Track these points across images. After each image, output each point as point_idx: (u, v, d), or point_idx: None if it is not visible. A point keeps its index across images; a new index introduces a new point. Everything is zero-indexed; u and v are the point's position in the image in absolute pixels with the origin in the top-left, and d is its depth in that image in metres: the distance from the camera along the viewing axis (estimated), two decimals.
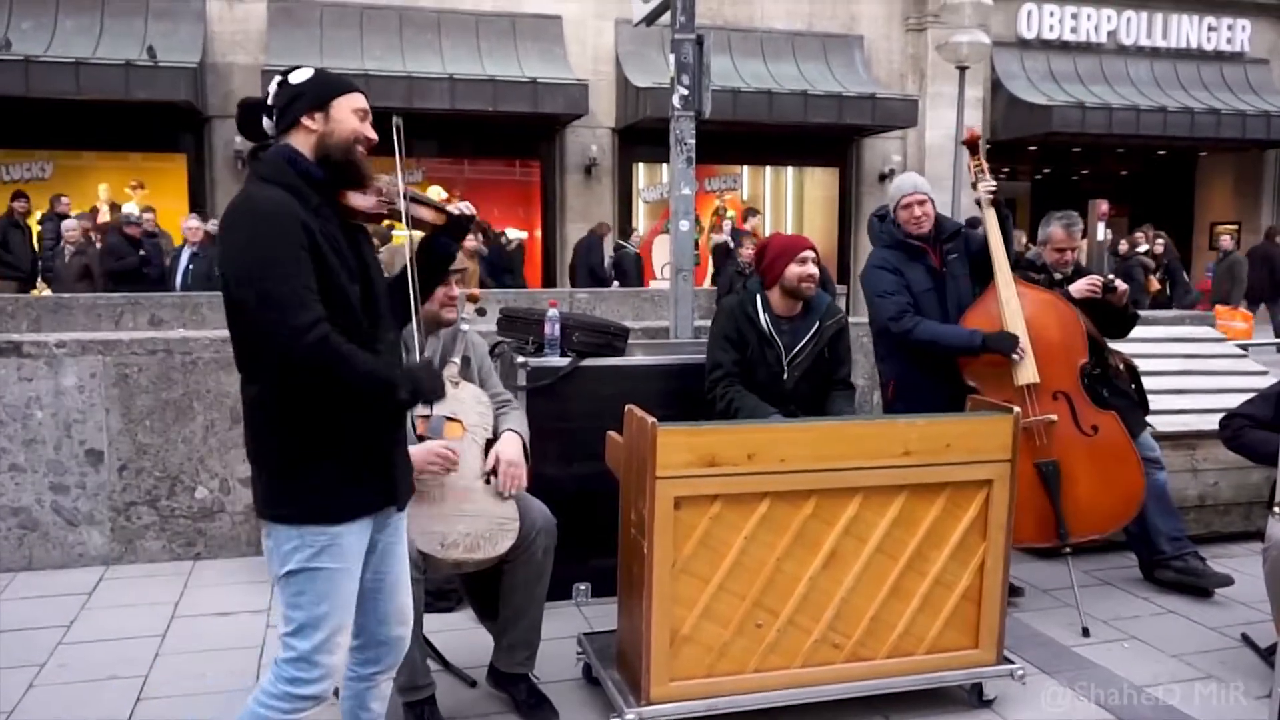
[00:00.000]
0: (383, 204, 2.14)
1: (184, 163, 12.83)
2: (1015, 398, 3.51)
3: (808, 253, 3.53)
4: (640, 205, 14.91)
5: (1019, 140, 14.98)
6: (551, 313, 3.70)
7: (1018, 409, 2.94)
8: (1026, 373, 3.58)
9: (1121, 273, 10.83)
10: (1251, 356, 5.46)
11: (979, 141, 3.99)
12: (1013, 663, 2.98)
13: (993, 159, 15.47)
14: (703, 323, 4.18)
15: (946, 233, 3.85)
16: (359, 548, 2.09)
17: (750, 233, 11.20)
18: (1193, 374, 4.90)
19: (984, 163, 3.89)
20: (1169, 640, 3.50)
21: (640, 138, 13.32)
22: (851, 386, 3.73)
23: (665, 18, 4.76)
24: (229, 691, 3.02)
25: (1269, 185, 16.90)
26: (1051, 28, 15.25)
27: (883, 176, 14.98)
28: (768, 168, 15.73)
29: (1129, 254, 12.53)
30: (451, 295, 2.86)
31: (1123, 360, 4.01)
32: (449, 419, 2.81)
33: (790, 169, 15.74)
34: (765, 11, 14.33)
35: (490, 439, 2.85)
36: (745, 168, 15.58)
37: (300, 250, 1.92)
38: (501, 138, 13.93)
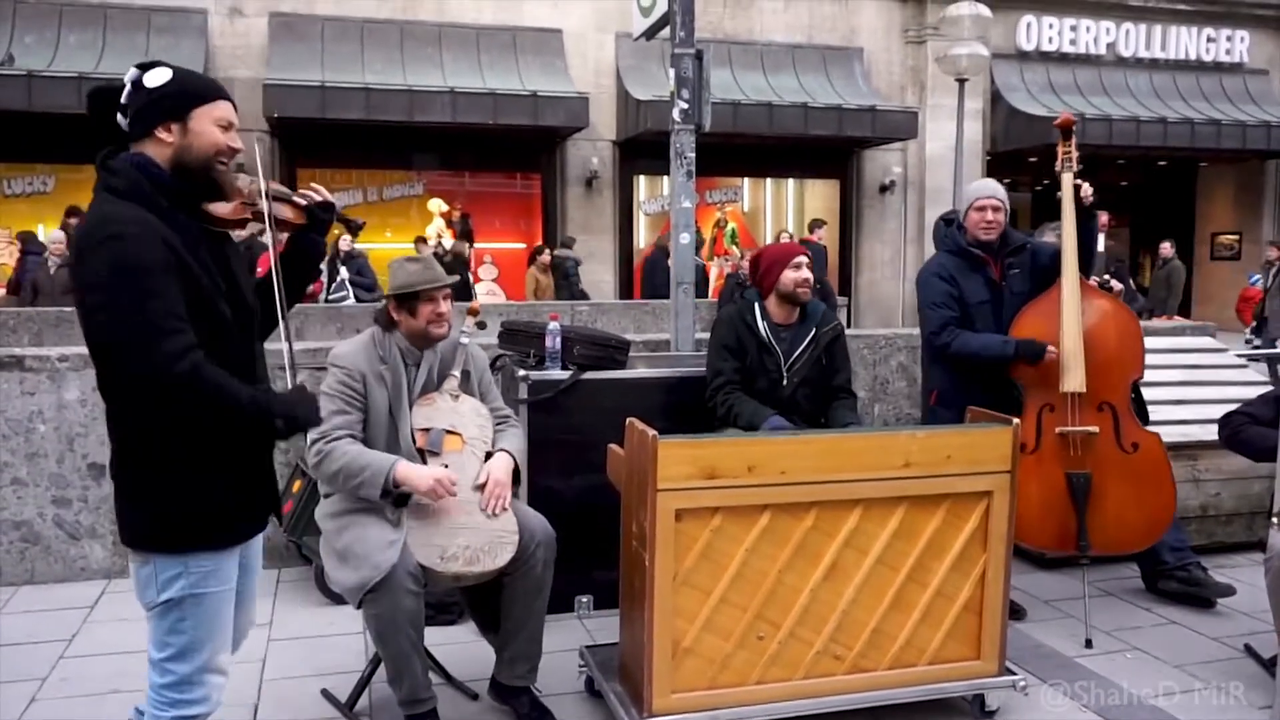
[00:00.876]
0: (245, 207, 2.05)
1: None
2: (1060, 403, 3.47)
3: (801, 258, 3.60)
4: (641, 218, 14.94)
5: (1019, 151, 15.00)
6: (552, 326, 3.71)
7: (1016, 421, 2.93)
8: (1073, 380, 3.47)
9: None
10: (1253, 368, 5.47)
11: (1072, 127, 3.70)
12: (1015, 674, 2.97)
13: (993, 170, 15.55)
14: (704, 335, 4.19)
15: (1011, 246, 3.77)
16: (235, 570, 2.09)
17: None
18: (1194, 384, 4.90)
19: (1074, 152, 3.65)
20: (1172, 651, 3.49)
21: (641, 150, 13.35)
22: (853, 394, 3.74)
23: (665, 32, 4.79)
24: (228, 705, 3.02)
25: (1270, 195, 16.90)
26: (1051, 40, 15.30)
27: (883, 188, 15.02)
28: (768, 180, 15.75)
29: None
30: (439, 312, 2.82)
31: None
32: (449, 431, 2.81)
33: (791, 181, 15.77)
34: (765, 24, 14.38)
35: (491, 452, 2.85)
36: (746, 180, 15.61)
37: (165, 274, 1.82)
38: (502, 151, 13.97)
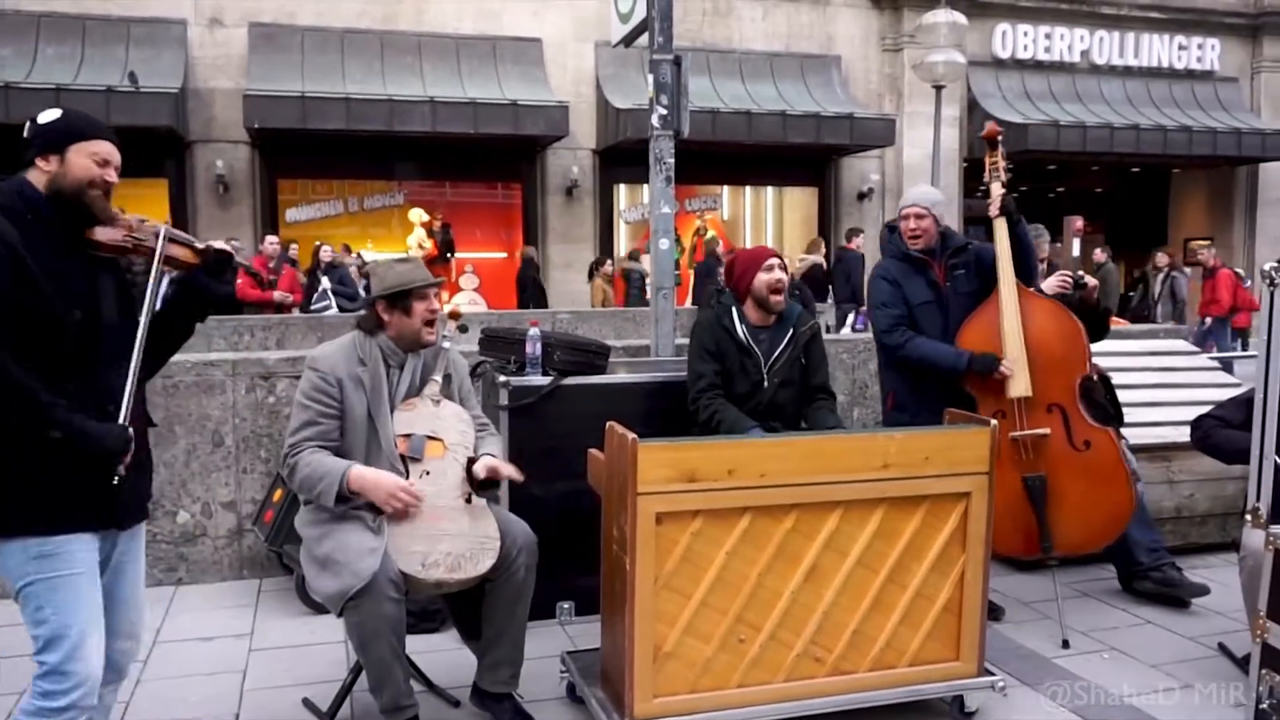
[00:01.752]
0: (130, 239, 2.23)
1: (165, 188, 12.77)
2: (1009, 409, 3.53)
3: (773, 260, 3.59)
4: (622, 226, 14.98)
5: None
6: (533, 332, 3.72)
7: (995, 422, 2.97)
8: (1019, 386, 3.55)
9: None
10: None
11: (998, 137, 3.80)
12: (994, 674, 3.00)
13: (970, 178, 15.68)
14: (684, 340, 4.21)
15: (952, 247, 3.83)
16: (91, 558, 2.18)
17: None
18: (1167, 387, 4.96)
19: (1001, 162, 3.76)
20: (1148, 650, 3.53)
21: (621, 159, 13.39)
22: (832, 395, 3.75)
23: (644, 39, 4.82)
24: (210, 717, 3.01)
25: (1240, 201, 17.15)
26: (1026, 47, 15.47)
27: (861, 195, 15.11)
28: (747, 187, 15.84)
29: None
30: (434, 309, 2.82)
31: (1098, 372, 4.06)
32: (430, 438, 2.81)
33: (770, 189, 15.87)
34: (744, 33, 14.47)
35: (472, 458, 2.84)
36: (725, 188, 15.70)
37: None
38: (483, 160, 13.97)
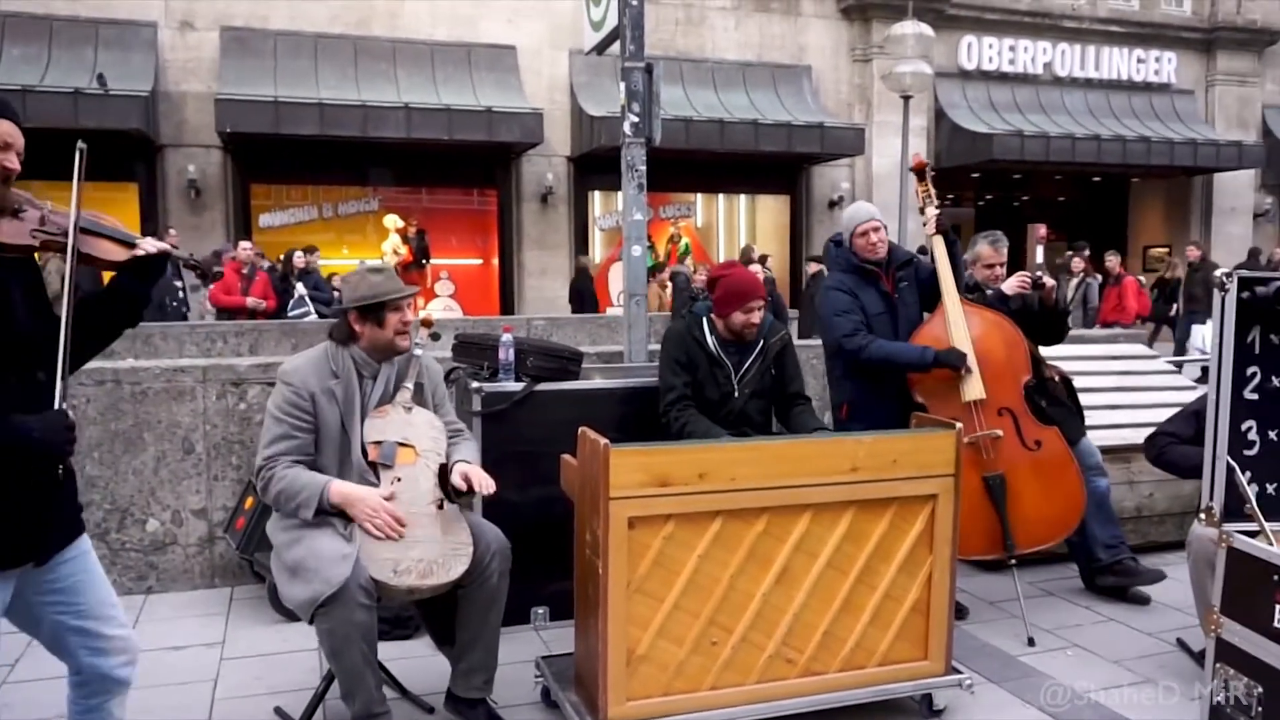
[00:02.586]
0: (39, 234, 1.98)
1: (135, 192, 12.63)
2: (963, 414, 3.65)
3: (755, 303, 3.56)
4: (596, 233, 15.02)
5: (962, 167, 15.39)
6: (506, 338, 3.73)
7: (960, 425, 3.04)
8: (973, 389, 3.71)
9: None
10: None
11: (925, 168, 4.10)
12: (961, 673, 3.05)
13: (938, 186, 15.67)
14: (656, 346, 4.25)
15: (899, 260, 4.00)
16: None
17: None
18: (1127, 390, 5.08)
19: (930, 189, 4.03)
20: (1110, 647, 3.61)
21: (595, 166, 13.43)
22: (808, 400, 3.82)
23: (616, 47, 4.86)
24: None
25: (1197, 209, 17.56)
26: (991, 59, 15.76)
27: (832, 203, 15.27)
28: (720, 195, 15.96)
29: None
30: (406, 320, 2.82)
31: (1058, 373, 4.17)
32: (401, 444, 2.80)
33: (742, 196, 15.99)
34: (716, 42, 14.59)
35: (444, 464, 2.85)
36: (699, 195, 15.78)
37: None
38: (458, 166, 13.95)
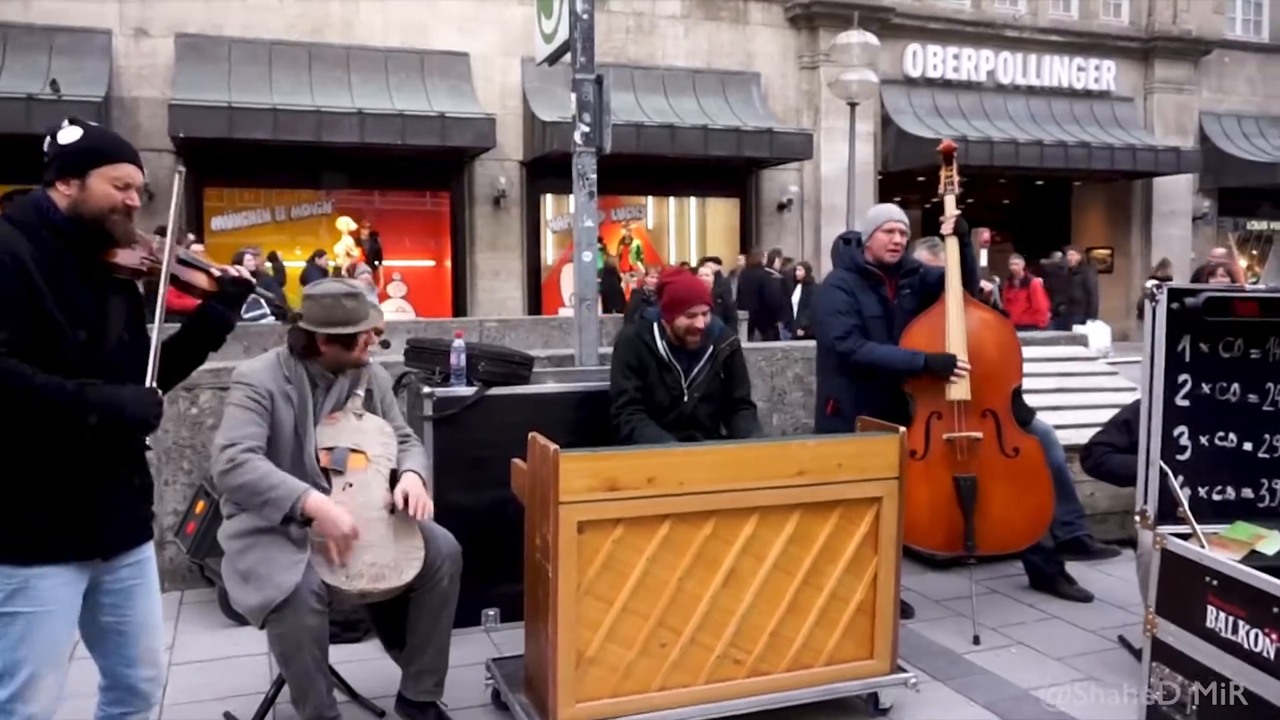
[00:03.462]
0: (146, 261, 2.14)
1: None
2: (947, 411, 3.67)
3: (699, 308, 3.60)
4: (549, 235, 15.02)
5: (908, 171, 15.64)
6: (457, 343, 3.73)
7: (903, 429, 3.08)
8: (960, 389, 3.69)
9: None
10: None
11: (954, 153, 3.91)
12: (906, 671, 3.10)
13: (885, 190, 16.13)
14: (607, 350, 4.26)
15: (905, 268, 3.98)
16: (65, 592, 2.04)
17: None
18: (1068, 391, 5.21)
19: (955, 175, 3.87)
20: (1053, 644, 3.68)
21: (547, 170, 13.42)
22: (753, 405, 3.85)
23: (568, 57, 4.87)
24: None
25: (1137, 212, 18.08)
26: (935, 67, 16.07)
27: (781, 206, 15.45)
28: (671, 198, 16.05)
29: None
30: (370, 340, 2.89)
31: None
32: (353, 450, 2.80)
33: (693, 199, 16.10)
34: (666, 50, 14.70)
35: (394, 469, 2.85)
36: (650, 198, 15.87)
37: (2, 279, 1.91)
38: (411, 170, 13.88)
